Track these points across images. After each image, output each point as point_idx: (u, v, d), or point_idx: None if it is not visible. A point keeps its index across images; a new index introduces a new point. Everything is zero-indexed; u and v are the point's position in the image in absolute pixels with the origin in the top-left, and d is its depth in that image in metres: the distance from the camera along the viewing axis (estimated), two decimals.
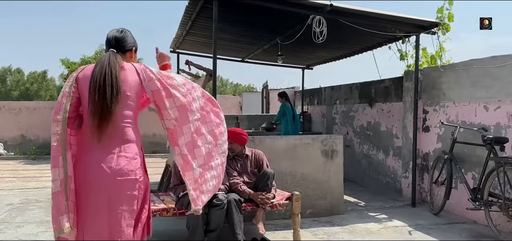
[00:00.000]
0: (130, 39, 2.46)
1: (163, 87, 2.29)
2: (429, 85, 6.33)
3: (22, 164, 11.13)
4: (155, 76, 2.29)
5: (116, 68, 2.21)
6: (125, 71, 2.27)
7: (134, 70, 2.30)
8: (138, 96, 2.30)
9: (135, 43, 2.51)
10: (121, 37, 2.42)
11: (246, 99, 18.41)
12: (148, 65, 2.35)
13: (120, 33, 2.42)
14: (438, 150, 6.10)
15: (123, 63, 2.30)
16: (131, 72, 2.28)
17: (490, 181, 4.75)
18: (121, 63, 2.27)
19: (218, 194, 4.10)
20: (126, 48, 2.43)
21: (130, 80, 2.26)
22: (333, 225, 5.12)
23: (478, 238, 4.70)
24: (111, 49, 2.33)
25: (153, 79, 2.28)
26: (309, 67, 10.56)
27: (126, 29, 2.48)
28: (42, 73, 46.56)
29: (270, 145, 5.29)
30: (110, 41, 2.39)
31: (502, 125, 5.06)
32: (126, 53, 2.43)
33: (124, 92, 2.22)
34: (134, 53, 2.50)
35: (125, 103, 2.24)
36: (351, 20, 5.56)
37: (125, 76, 2.25)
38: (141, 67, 2.31)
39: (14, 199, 6.47)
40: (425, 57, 8.31)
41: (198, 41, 7.84)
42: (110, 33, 2.42)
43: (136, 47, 2.51)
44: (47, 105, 13.79)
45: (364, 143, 8.24)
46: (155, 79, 2.28)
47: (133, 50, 2.49)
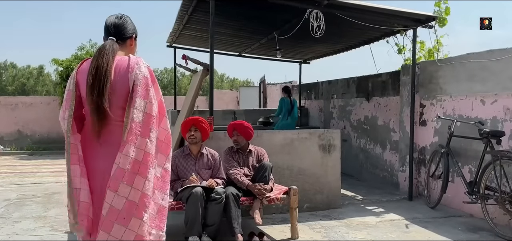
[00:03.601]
0: (129, 25, 2.31)
1: (144, 88, 2.07)
2: (426, 79, 6.34)
3: (19, 159, 11.09)
4: (144, 75, 2.09)
5: (109, 62, 2.06)
6: (120, 65, 2.12)
7: (127, 63, 2.12)
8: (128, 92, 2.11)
9: (135, 30, 2.36)
10: (120, 23, 2.27)
11: (244, 94, 18.42)
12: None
13: (119, 20, 2.28)
14: (435, 144, 6.11)
15: (119, 56, 2.16)
16: (125, 66, 2.12)
17: (486, 174, 4.77)
18: (115, 55, 2.13)
19: (216, 189, 4.11)
20: (126, 36, 2.28)
21: (123, 75, 2.09)
22: (331, 219, 5.14)
23: (474, 231, 4.73)
24: (110, 37, 2.21)
25: (139, 75, 2.08)
26: (306, 62, 10.55)
27: (125, 14, 2.34)
28: (38, 68, 46.37)
29: (267, 139, 5.29)
30: (109, 28, 2.25)
31: (499, 118, 5.07)
32: (126, 41, 2.29)
33: (119, 88, 2.08)
34: (134, 41, 2.35)
35: (121, 100, 2.08)
36: (348, 14, 5.56)
37: (119, 70, 2.10)
38: (135, 60, 2.13)
39: (11, 195, 6.46)
40: (422, 51, 8.32)
41: (195, 35, 7.82)
42: (109, 20, 2.28)
43: (136, 34, 2.36)
44: (44, 100, 13.75)
45: (361, 137, 8.26)
46: (142, 76, 2.08)
47: (133, 37, 2.34)
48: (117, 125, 2.09)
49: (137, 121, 2.03)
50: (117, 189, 1.98)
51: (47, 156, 11.61)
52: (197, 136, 4.35)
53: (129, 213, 2.00)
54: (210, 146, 4.67)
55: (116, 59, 2.14)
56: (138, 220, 2.02)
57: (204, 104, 15.51)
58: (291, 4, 5.38)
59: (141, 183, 2.02)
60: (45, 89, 43.73)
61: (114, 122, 2.09)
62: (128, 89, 2.07)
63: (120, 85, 2.09)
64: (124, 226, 2.00)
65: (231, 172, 4.44)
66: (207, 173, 4.39)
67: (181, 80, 44.14)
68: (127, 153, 1.99)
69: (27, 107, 13.24)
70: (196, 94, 5.77)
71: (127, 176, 1.99)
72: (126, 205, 1.99)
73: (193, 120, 4.40)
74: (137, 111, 2.03)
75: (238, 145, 4.65)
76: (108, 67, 2.05)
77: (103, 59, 2.06)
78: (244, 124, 4.68)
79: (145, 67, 2.13)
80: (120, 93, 2.09)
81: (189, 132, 4.35)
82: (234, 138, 4.66)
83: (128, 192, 1.99)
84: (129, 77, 2.07)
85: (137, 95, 2.04)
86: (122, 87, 2.08)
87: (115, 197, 1.98)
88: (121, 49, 2.24)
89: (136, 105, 2.03)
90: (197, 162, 4.39)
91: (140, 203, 2.02)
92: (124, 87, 2.08)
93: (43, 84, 45.36)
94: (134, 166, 2.00)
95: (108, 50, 2.11)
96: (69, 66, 12.02)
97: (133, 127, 2.02)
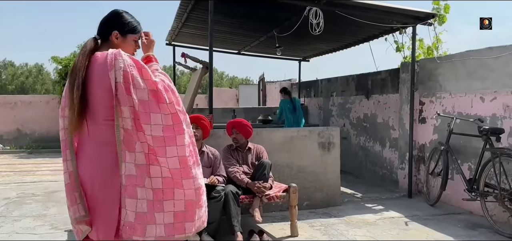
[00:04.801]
0: (111, 20, 2.16)
1: (127, 87, 1.94)
2: (426, 76, 6.34)
3: (18, 158, 11.09)
4: (124, 70, 1.94)
5: (80, 60, 1.99)
6: (96, 63, 2.00)
7: (104, 59, 1.98)
8: (110, 90, 1.96)
9: (116, 25, 2.16)
10: (102, 20, 2.17)
11: (243, 92, 18.42)
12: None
13: (105, 16, 2.19)
14: (434, 142, 6.12)
15: (97, 53, 2.03)
16: (102, 62, 1.98)
17: (486, 172, 4.77)
18: (88, 52, 2.03)
19: (216, 187, 4.12)
20: (106, 31, 2.15)
21: (101, 73, 1.97)
22: (330, 217, 5.15)
23: (474, 229, 4.74)
24: (94, 36, 2.14)
25: (120, 69, 1.94)
26: (305, 59, 10.55)
27: (116, 10, 2.20)
28: (37, 66, 46.31)
29: (267, 137, 5.29)
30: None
31: (498, 116, 5.08)
32: (109, 37, 2.15)
33: (100, 86, 1.98)
34: (122, 36, 2.17)
35: (105, 99, 1.98)
36: (348, 11, 5.56)
37: (96, 68, 1.99)
38: (112, 55, 1.97)
39: (11, 193, 6.45)
40: (421, 49, 8.32)
41: (194, 33, 7.81)
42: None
43: (119, 30, 2.16)
44: (43, 99, 13.72)
45: (360, 135, 8.26)
46: (122, 72, 1.94)
47: (113, 35, 2.15)
48: (106, 124, 2.01)
49: (128, 128, 1.98)
50: (135, 195, 1.98)
51: (47, 155, 11.60)
52: (198, 134, 4.36)
53: (151, 210, 2.01)
54: (209, 144, 4.67)
55: (96, 56, 2.04)
56: (160, 213, 2.02)
57: (203, 102, 15.51)
58: (290, 2, 5.37)
59: (154, 181, 2.01)
60: (44, 88, 43.69)
61: (102, 121, 2.02)
62: (110, 86, 1.95)
63: (100, 83, 1.98)
64: (153, 224, 2.01)
65: (231, 170, 4.45)
66: (208, 171, 4.41)
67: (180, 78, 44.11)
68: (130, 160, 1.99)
69: (26, 105, 13.22)
70: (196, 92, 5.77)
71: (139, 179, 1.98)
72: (149, 206, 2.00)
73: (194, 118, 4.41)
74: (125, 120, 1.97)
75: (237, 143, 4.66)
76: (79, 64, 2.00)
77: (78, 58, 2.03)
78: (243, 122, 4.69)
79: (123, 60, 1.96)
80: (101, 91, 1.99)
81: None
82: (233, 136, 4.66)
83: (144, 194, 1.99)
84: (109, 75, 1.95)
85: (121, 102, 1.95)
86: (103, 85, 1.97)
87: (138, 203, 1.99)
88: (107, 46, 2.14)
89: (123, 115, 1.96)
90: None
91: (157, 198, 2.02)
92: (106, 85, 1.96)
93: (42, 83, 45.32)
94: (141, 169, 2.00)
95: (83, 48, 2.07)
96: (68, 64, 11.99)
97: (125, 136, 1.99)
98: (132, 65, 1.97)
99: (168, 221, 2.04)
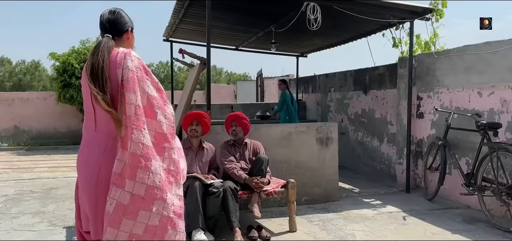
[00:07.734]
0: (124, 19, 2.28)
1: (135, 81, 2.03)
2: (423, 71, 6.34)
3: (16, 155, 11.06)
4: (131, 69, 2.04)
5: (104, 59, 2.04)
6: (112, 59, 2.09)
7: (115, 57, 2.08)
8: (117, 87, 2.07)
9: (131, 23, 2.32)
10: (114, 18, 2.25)
11: (241, 88, 18.41)
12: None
13: (113, 15, 2.26)
14: (432, 136, 6.13)
15: (115, 50, 2.11)
16: (114, 60, 2.08)
17: (483, 166, 4.79)
18: (111, 51, 2.09)
19: (214, 183, 4.13)
20: (122, 30, 2.26)
21: (113, 68, 2.07)
22: (328, 212, 5.16)
23: (471, 223, 4.76)
24: (106, 35, 2.19)
25: (126, 70, 2.03)
26: (303, 55, 10.54)
27: (118, 8, 2.30)
28: (34, 63, 46.14)
29: (265, 133, 5.29)
30: (105, 25, 2.23)
31: (496, 110, 5.09)
32: (122, 35, 2.27)
33: (112, 81, 2.05)
34: (131, 33, 2.32)
35: (114, 93, 2.05)
36: (345, 6, 5.54)
37: (113, 64, 2.07)
38: (123, 54, 2.08)
39: (9, 190, 6.45)
40: (418, 44, 8.32)
41: (192, 29, 7.79)
42: (103, 16, 2.26)
43: (132, 27, 2.32)
44: (40, 95, 13.69)
45: (358, 130, 8.27)
46: (130, 71, 2.03)
47: (129, 31, 2.30)
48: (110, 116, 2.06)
49: (130, 115, 1.99)
50: (123, 185, 1.97)
51: (45, 152, 11.58)
52: (199, 130, 4.45)
53: (135, 207, 1.97)
54: (207, 140, 4.68)
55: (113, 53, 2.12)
56: (147, 212, 1.99)
57: (201, 98, 15.50)
58: None
59: (145, 177, 1.98)
60: (41, 84, 43.56)
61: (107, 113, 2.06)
62: (117, 83, 2.04)
63: (112, 78, 2.06)
64: (133, 220, 1.97)
65: (228, 166, 4.45)
66: (207, 166, 4.48)
67: (178, 74, 44.07)
68: (126, 148, 1.98)
69: (24, 102, 13.19)
70: (193, 88, 5.76)
71: (128, 171, 1.97)
72: (131, 200, 1.96)
73: (195, 115, 4.46)
74: (128, 106, 2.00)
75: (236, 137, 4.66)
76: (104, 64, 2.03)
77: (97, 57, 2.04)
78: (243, 115, 4.72)
79: (132, 60, 2.07)
80: (113, 86, 2.06)
81: (191, 126, 4.46)
82: (232, 128, 4.67)
83: (132, 187, 1.97)
84: (117, 73, 2.04)
85: (127, 89, 2.01)
86: (114, 81, 2.06)
87: (121, 193, 1.96)
88: (118, 44, 2.21)
89: (126, 99, 2.00)
90: (197, 155, 4.44)
91: (147, 195, 1.98)
92: (115, 81, 2.05)
93: (39, 80, 45.18)
94: (134, 160, 1.98)
95: (103, 48, 2.09)
96: (66, 60, 11.93)
97: (127, 123, 1.99)
98: (138, 67, 2.07)
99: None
